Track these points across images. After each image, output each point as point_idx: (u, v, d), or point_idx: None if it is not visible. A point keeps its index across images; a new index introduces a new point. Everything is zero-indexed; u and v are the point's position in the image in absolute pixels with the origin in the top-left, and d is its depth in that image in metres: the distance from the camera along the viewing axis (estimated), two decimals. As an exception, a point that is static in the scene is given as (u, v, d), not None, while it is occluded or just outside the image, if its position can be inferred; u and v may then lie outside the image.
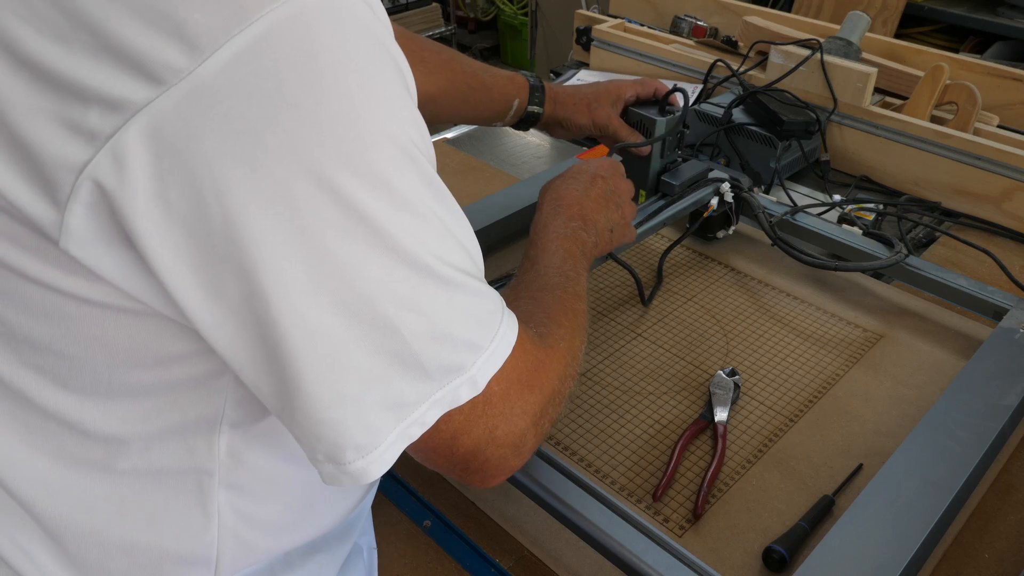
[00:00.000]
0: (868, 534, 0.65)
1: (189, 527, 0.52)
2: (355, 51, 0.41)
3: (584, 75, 1.60)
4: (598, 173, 0.83)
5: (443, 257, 0.46)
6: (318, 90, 0.40)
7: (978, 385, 0.81)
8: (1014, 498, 0.78)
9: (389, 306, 0.43)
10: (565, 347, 0.59)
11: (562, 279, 0.68)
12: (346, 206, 0.41)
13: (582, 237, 0.75)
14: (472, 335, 0.48)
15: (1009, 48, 2.40)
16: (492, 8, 4.44)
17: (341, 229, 0.41)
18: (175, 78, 0.38)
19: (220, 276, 0.40)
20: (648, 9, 1.79)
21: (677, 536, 0.73)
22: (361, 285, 0.42)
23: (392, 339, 0.44)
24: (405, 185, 0.43)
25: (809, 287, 1.06)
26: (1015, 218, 1.18)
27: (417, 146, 0.45)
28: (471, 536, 0.74)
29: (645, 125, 1.01)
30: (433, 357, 0.45)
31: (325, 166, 0.40)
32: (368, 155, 0.42)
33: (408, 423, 0.46)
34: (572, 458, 0.81)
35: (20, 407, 0.48)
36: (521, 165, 1.36)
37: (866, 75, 1.26)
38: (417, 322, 0.44)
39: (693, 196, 1.05)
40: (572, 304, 0.65)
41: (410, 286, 0.44)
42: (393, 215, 0.43)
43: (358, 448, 0.45)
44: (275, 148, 0.39)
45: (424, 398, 0.46)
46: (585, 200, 0.79)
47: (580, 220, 0.76)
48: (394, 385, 0.45)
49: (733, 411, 0.86)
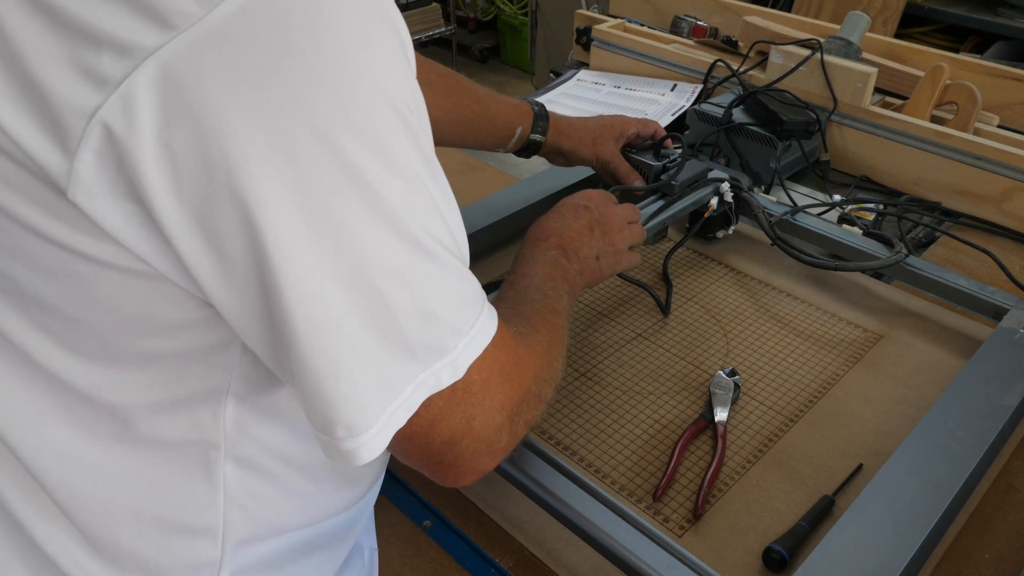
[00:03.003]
0: (868, 534, 0.65)
1: (195, 499, 0.52)
2: (359, 12, 0.42)
3: (584, 75, 1.60)
4: (582, 204, 0.84)
5: (431, 231, 0.46)
6: (323, 45, 0.40)
7: (978, 385, 0.81)
8: (1014, 498, 0.78)
9: (380, 276, 0.44)
10: (543, 350, 0.59)
11: (541, 295, 0.68)
12: (344, 163, 0.41)
13: (563, 264, 0.75)
14: (455, 317, 0.48)
15: (1009, 48, 2.40)
16: (492, 8, 4.44)
17: (338, 188, 0.41)
18: (186, 23, 0.38)
19: (222, 227, 0.41)
20: (648, 9, 1.79)
21: (677, 536, 0.73)
22: (356, 250, 0.43)
23: (381, 312, 0.44)
24: (400, 151, 0.44)
25: (809, 287, 1.06)
26: (1015, 218, 1.18)
27: (414, 115, 0.45)
28: (471, 536, 0.74)
29: (643, 170, 1.06)
30: (418, 335, 0.46)
31: (326, 121, 0.40)
32: (368, 115, 0.42)
33: (396, 406, 0.46)
34: (572, 458, 0.81)
35: (30, 371, 0.48)
36: (521, 165, 1.36)
37: (866, 75, 1.26)
38: (405, 296, 0.45)
39: (693, 196, 1.05)
40: (550, 317, 0.65)
41: (400, 257, 0.44)
42: (388, 179, 0.43)
43: (349, 427, 0.45)
44: (279, 99, 0.39)
45: (409, 379, 0.46)
46: (566, 231, 0.79)
47: (560, 249, 0.77)
48: (382, 362, 0.45)
49: (733, 411, 0.86)
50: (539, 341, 0.60)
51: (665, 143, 1.05)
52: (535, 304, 0.66)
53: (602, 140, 1.04)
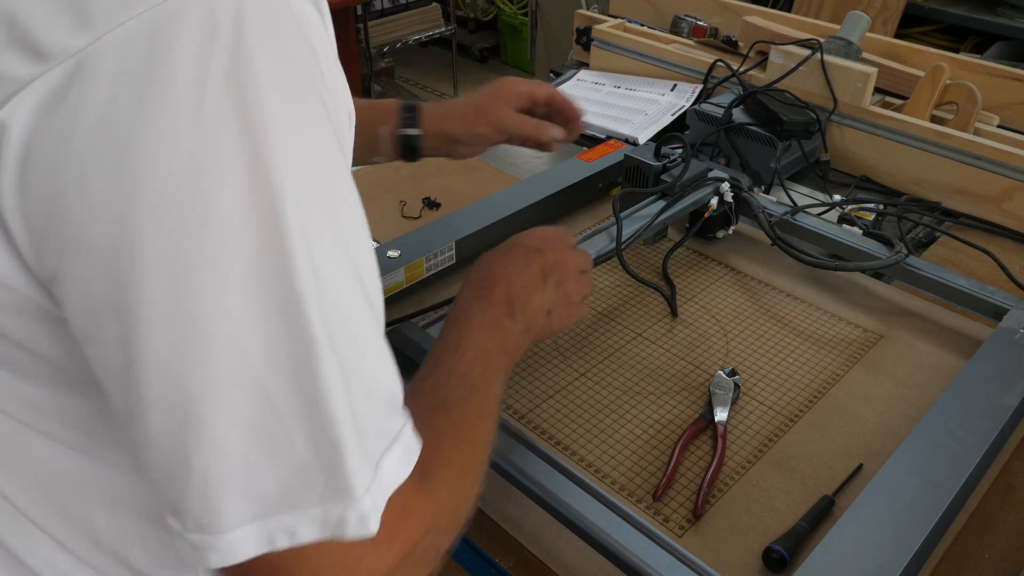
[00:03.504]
0: (868, 534, 0.65)
1: None
2: (271, 58, 0.37)
3: (584, 75, 1.60)
4: (535, 247, 0.71)
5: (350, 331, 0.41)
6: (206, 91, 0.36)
7: (978, 385, 0.81)
8: (1014, 498, 0.78)
9: (263, 370, 0.38)
10: (447, 493, 0.49)
11: (467, 391, 0.57)
12: (222, 237, 0.36)
13: (505, 327, 0.65)
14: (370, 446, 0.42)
15: (1009, 48, 2.41)
16: (492, 8, 4.44)
17: (209, 260, 0.37)
18: (63, 55, 0.35)
19: (76, 268, 0.38)
20: (648, 9, 1.79)
21: (677, 536, 0.73)
22: (216, 330, 0.37)
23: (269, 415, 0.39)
24: (312, 231, 0.39)
25: (809, 287, 1.06)
26: (1015, 218, 1.18)
27: (333, 187, 0.41)
28: (471, 536, 0.74)
29: (643, 170, 1.06)
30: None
31: (213, 195, 0.36)
32: (271, 179, 0.37)
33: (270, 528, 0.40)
34: (572, 458, 0.81)
35: None
36: (521, 165, 1.36)
37: (866, 75, 1.26)
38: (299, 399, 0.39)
39: (693, 196, 1.05)
40: (471, 429, 0.55)
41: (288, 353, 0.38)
42: (289, 247, 0.37)
43: (199, 525, 0.40)
44: (143, 152, 0.35)
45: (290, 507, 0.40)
46: (515, 280, 0.68)
47: (505, 305, 0.66)
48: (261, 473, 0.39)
49: (733, 411, 0.86)
50: (447, 479, 0.49)
51: (567, 118, 0.94)
52: (454, 413, 0.55)
53: (493, 108, 0.90)
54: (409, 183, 1.28)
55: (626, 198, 1.02)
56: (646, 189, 1.06)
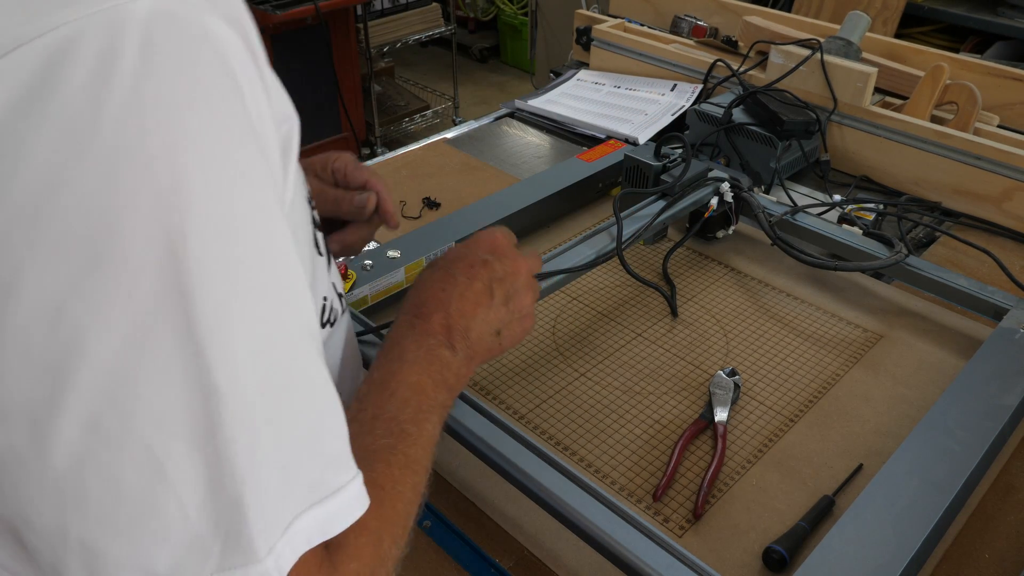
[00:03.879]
0: (868, 534, 0.65)
1: None
2: (183, 87, 0.34)
3: (584, 75, 1.60)
4: (480, 258, 0.64)
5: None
6: (128, 141, 0.33)
7: (978, 385, 0.81)
8: (1014, 498, 0.78)
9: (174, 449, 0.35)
10: (369, 555, 0.44)
11: (394, 438, 0.52)
12: (112, 282, 0.33)
13: (443, 358, 0.58)
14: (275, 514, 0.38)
15: (1009, 48, 2.41)
16: (492, 8, 4.45)
17: (95, 301, 0.34)
18: None
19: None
20: (648, 9, 1.79)
21: (677, 536, 0.73)
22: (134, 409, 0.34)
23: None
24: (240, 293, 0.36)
25: (809, 287, 1.06)
26: (1015, 218, 1.18)
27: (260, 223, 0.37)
28: (471, 536, 0.74)
29: (643, 170, 1.06)
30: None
31: (106, 240, 0.33)
32: (173, 219, 0.34)
33: None
34: (572, 458, 0.81)
35: None
36: (521, 165, 1.36)
37: (866, 75, 1.26)
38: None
39: (693, 196, 1.05)
40: (395, 485, 0.49)
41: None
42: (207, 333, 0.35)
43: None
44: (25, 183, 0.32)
45: None
46: (454, 302, 0.60)
47: (444, 334, 0.59)
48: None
49: (733, 411, 0.86)
50: (365, 543, 0.44)
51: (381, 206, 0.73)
52: (379, 459, 0.50)
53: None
54: (409, 183, 1.28)
55: (626, 198, 1.02)
56: (646, 189, 1.07)
